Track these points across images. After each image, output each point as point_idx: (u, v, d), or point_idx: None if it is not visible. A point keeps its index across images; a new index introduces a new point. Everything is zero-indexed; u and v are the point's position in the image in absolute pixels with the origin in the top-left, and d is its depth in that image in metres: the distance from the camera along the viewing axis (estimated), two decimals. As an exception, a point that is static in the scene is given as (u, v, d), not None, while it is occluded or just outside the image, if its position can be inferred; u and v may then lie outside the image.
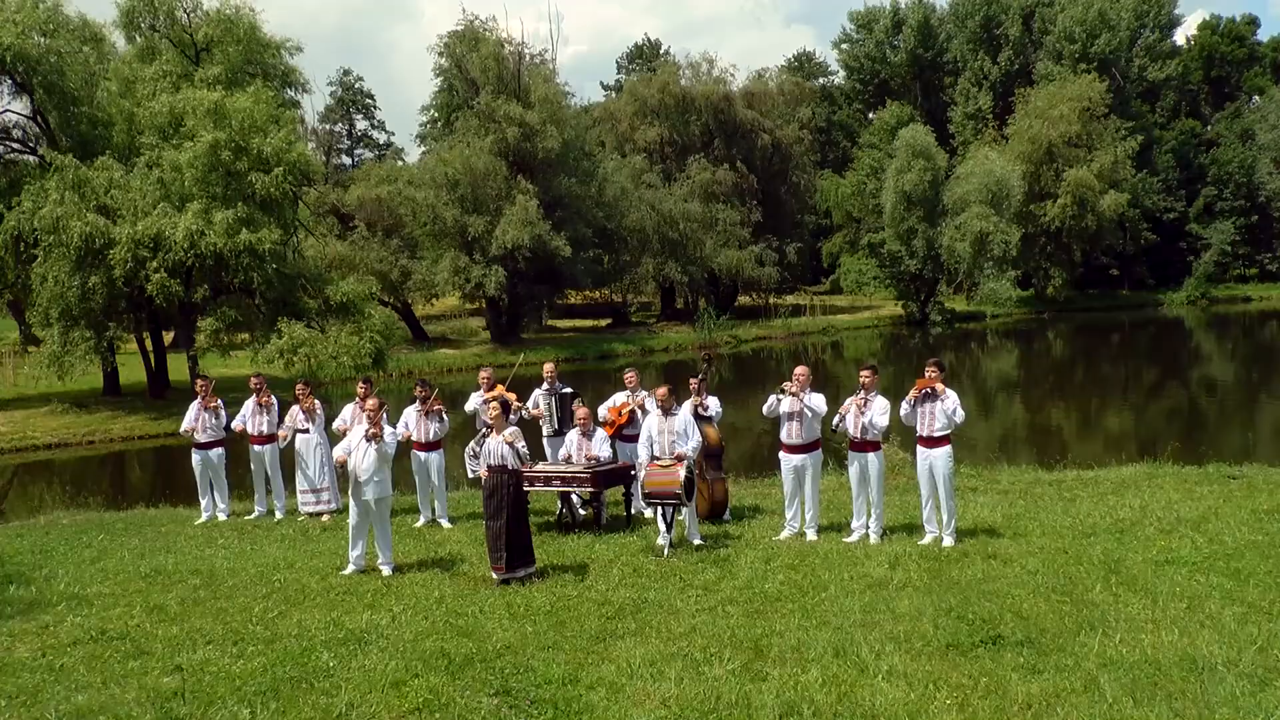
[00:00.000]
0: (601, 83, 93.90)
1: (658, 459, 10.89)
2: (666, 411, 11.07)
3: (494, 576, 9.73)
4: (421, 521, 12.81)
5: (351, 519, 10.32)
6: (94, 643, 8.25)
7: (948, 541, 10.70)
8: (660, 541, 10.97)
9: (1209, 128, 72.10)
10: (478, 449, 9.94)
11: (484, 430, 9.97)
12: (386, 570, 10.28)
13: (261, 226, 27.06)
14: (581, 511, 12.49)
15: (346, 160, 70.62)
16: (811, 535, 11.36)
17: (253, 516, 13.66)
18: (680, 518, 11.14)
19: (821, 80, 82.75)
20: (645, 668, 7.22)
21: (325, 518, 13.21)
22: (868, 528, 11.21)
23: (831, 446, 12.71)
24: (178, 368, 30.61)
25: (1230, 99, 74.16)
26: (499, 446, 9.75)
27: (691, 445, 10.94)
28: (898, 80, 77.68)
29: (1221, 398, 30.71)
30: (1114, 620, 7.86)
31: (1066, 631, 7.67)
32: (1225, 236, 64.64)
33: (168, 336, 32.46)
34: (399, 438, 11.61)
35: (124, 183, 28.21)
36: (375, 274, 39.31)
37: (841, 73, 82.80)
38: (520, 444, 9.83)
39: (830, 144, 77.85)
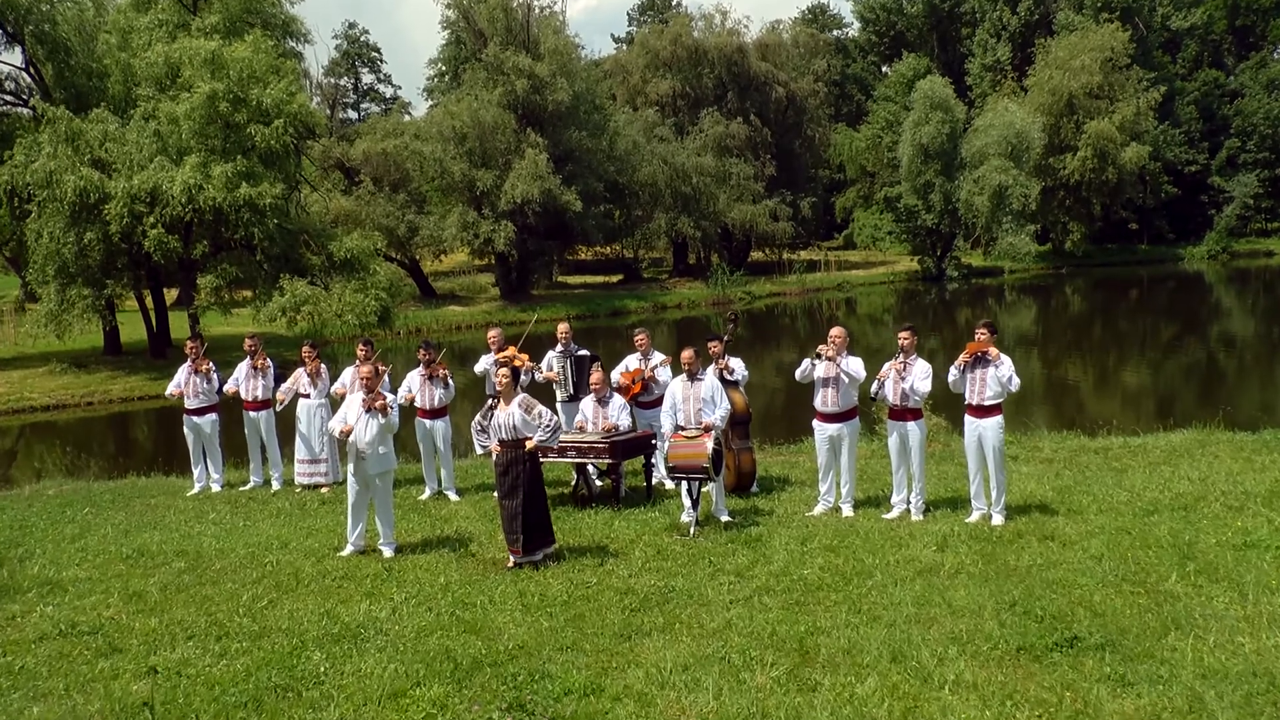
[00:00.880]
0: (612, 35, 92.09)
1: (682, 429, 10.01)
2: (692, 376, 10.17)
3: (510, 559, 8.89)
4: (427, 494, 11.98)
5: (350, 496, 9.48)
6: (63, 638, 7.45)
7: (997, 519, 9.83)
8: (685, 519, 10.13)
9: (1232, 78, 70.21)
10: (485, 422, 9.05)
11: (491, 401, 9.07)
12: (388, 551, 9.46)
13: (262, 180, 26.05)
14: (598, 483, 11.65)
15: (352, 115, 69.33)
16: (847, 511, 10.50)
17: (248, 487, 12.84)
18: (706, 491, 10.29)
19: (836, 33, 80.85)
20: (677, 674, 6.38)
21: (324, 490, 12.38)
22: (908, 503, 10.35)
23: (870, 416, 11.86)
24: (180, 326, 29.77)
25: (1255, 49, 72.13)
26: (510, 418, 8.87)
27: (719, 414, 10.05)
28: (914, 32, 75.86)
29: (1251, 356, 29.76)
30: (1201, 618, 7.00)
31: (1150, 632, 6.80)
32: (1248, 189, 63.21)
33: (170, 294, 31.60)
34: (401, 403, 10.75)
35: (119, 135, 27.19)
36: (382, 230, 38.34)
37: (856, 24, 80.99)
38: (537, 411, 8.95)
39: (844, 97, 76.13)
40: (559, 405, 12.27)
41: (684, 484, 10.12)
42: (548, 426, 8.91)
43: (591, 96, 48.71)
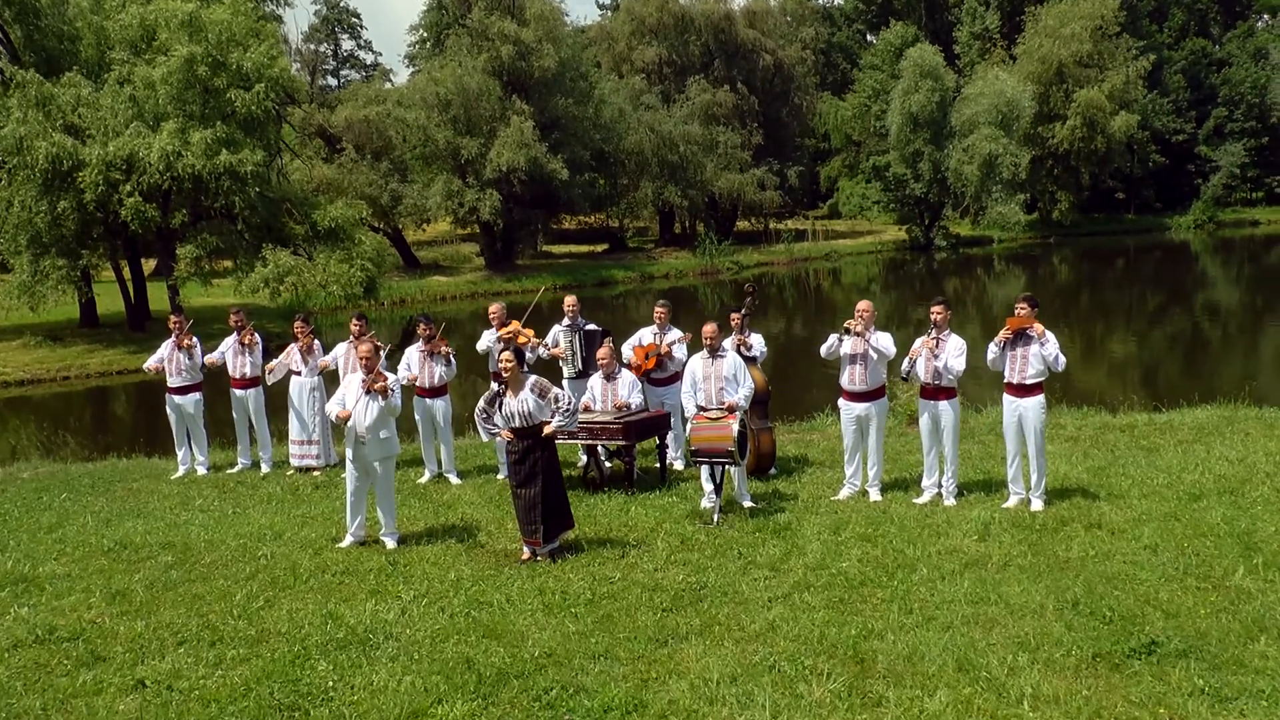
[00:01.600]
0: (597, 1, 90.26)
1: (704, 410, 9.38)
2: (713, 353, 9.53)
3: (524, 551, 8.26)
4: (426, 477, 11.33)
5: (350, 484, 8.82)
6: (40, 645, 6.78)
7: (1037, 505, 9.28)
8: (706, 505, 9.54)
9: (1219, 47, 69.75)
10: (490, 410, 8.37)
11: (498, 389, 8.37)
12: (390, 542, 8.82)
13: (243, 147, 25.11)
14: (608, 464, 11.03)
15: (332, 81, 67.84)
16: (875, 495, 9.92)
17: (235, 470, 12.15)
18: (728, 475, 9.69)
19: (823, 0, 79.84)
20: (725, 686, 5.79)
21: (316, 473, 11.72)
22: (939, 487, 9.78)
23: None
24: (159, 298, 28.87)
25: (1241, 18, 71.70)
26: (522, 406, 8.20)
27: (743, 393, 9.43)
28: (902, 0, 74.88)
29: (1236, 326, 29.47)
30: (1283, 617, 6.47)
31: (1233, 637, 6.25)
32: (1235, 159, 62.97)
33: (149, 265, 30.64)
34: (403, 382, 10.06)
35: (93, 100, 26.16)
36: (364, 198, 37.29)
37: (843, -8, 79.89)
38: (553, 395, 8.29)
39: (830, 66, 75.13)
40: (565, 382, 11.63)
41: (705, 468, 9.53)
42: (566, 410, 8.26)
43: (577, 64, 47.71)
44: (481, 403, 8.45)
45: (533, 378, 8.42)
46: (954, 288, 45.28)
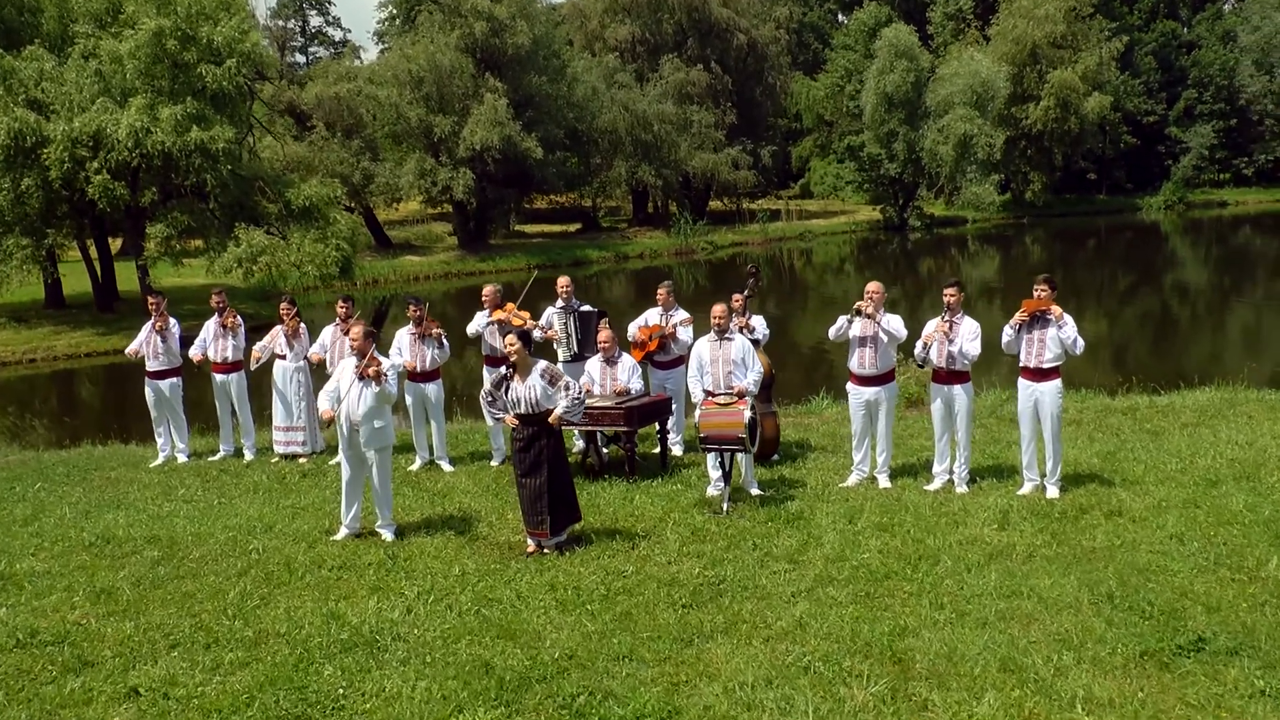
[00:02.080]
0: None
1: (712, 394, 9.05)
2: (721, 335, 9.19)
3: (529, 544, 7.91)
4: (418, 464, 10.94)
5: (344, 474, 8.43)
6: (21, 650, 6.35)
7: (1053, 492, 9.04)
8: (713, 493, 9.24)
9: (1188, 30, 70.00)
10: (496, 394, 8.00)
11: (506, 373, 7.99)
12: (387, 534, 8.44)
13: (214, 124, 24.38)
14: (605, 450, 10.68)
15: (300, 59, 66.60)
16: (884, 482, 9.65)
17: (218, 457, 11.69)
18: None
19: (796, -21, 79.15)
20: (761, 690, 5.48)
21: (302, 460, 11.29)
22: (950, 473, 9.52)
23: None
24: (127, 277, 28.11)
25: (1210, 1, 71.96)
26: (530, 392, 7.83)
27: (753, 378, 9.11)
28: (875, -21, 74.44)
29: (1204, 306, 29.59)
30: (1330, 611, 6.25)
31: (1283, 631, 6.02)
32: (1205, 140, 63.24)
33: (114, 244, 29.79)
34: (398, 369, 9.65)
35: (56, 75, 25.31)
36: (335, 177, 36.55)
37: (816, -29, 79.31)
38: (563, 382, 7.93)
39: (801, 46, 74.74)
40: (560, 366, 11.22)
41: (712, 455, 9.22)
42: (576, 399, 7.89)
43: (550, 41, 47.01)
44: (487, 385, 8.08)
45: (543, 363, 8.06)
46: (928, 268, 45.28)
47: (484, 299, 10.88)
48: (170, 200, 26.37)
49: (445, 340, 10.74)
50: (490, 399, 8.03)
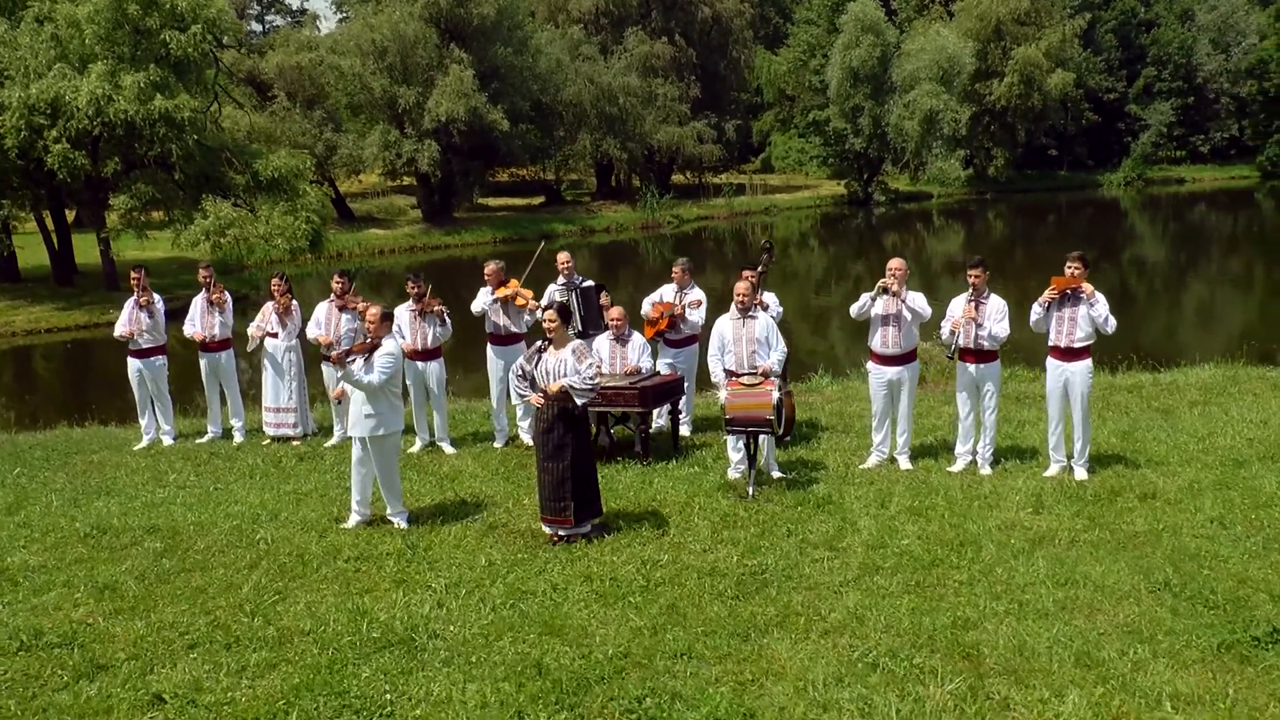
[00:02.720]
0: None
1: (735, 374, 8.73)
2: (744, 313, 8.86)
3: (547, 531, 7.56)
4: (418, 445, 10.51)
5: (354, 454, 7.98)
6: (26, 653, 5.90)
7: (1080, 474, 8.84)
8: (734, 475, 8.96)
9: (1146, 8, 70.44)
10: (529, 367, 7.62)
11: (541, 345, 7.63)
12: (400, 522, 8.03)
13: (178, 92, 23.49)
14: (610, 431, 10.32)
15: (256, 27, 65.04)
16: (905, 463, 9.41)
17: (206, 439, 11.18)
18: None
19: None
20: (833, 688, 5.19)
21: (296, 443, 10.82)
22: (974, 454, 9.29)
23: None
24: (84, 250, 27.15)
25: (1170, -22, 72.44)
26: (560, 366, 7.46)
27: (776, 357, 8.80)
28: (836, -48, 74.04)
29: (1161, 281, 29.85)
30: (1398, 597, 6.08)
31: (1356, 619, 5.84)
32: (1164, 118, 63.80)
33: (70, 215, 28.77)
34: (394, 360, 9.20)
35: (10, 39, 24.26)
36: (297, 148, 35.69)
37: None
38: (589, 362, 7.55)
39: (763, 20, 74.26)
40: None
41: (732, 437, 8.91)
42: (588, 380, 7.49)
43: (514, 12, 46.18)
44: (521, 360, 7.70)
45: (577, 340, 7.70)
46: (893, 242, 45.33)
47: (487, 276, 10.45)
48: (133, 171, 25.42)
49: (447, 317, 10.31)
50: (521, 373, 7.65)
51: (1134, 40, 65.71)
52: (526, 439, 10.53)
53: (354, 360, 7.71)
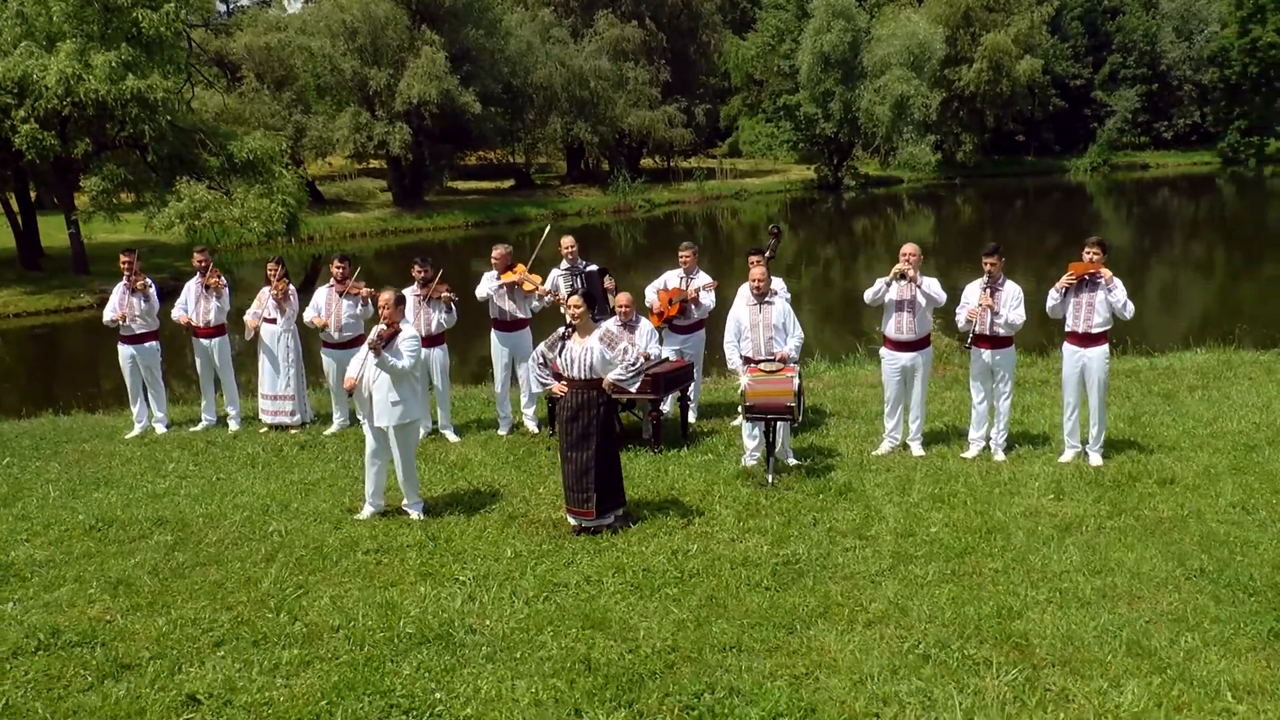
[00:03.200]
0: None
1: (752, 361, 8.61)
2: (761, 299, 8.73)
3: (571, 522, 7.41)
4: (421, 433, 10.25)
5: (369, 446, 7.78)
6: (45, 653, 5.66)
7: (1096, 459, 8.82)
8: (749, 462, 8.86)
9: (1111, -4, 71.10)
10: (550, 354, 7.45)
11: (564, 333, 7.46)
12: (415, 513, 7.84)
13: (150, 72, 22.90)
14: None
15: (221, 7, 63.70)
16: (917, 449, 9.35)
17: (199, 428, 10.90)
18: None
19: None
20: (889, 681, 5.10)
21: (293, 431, 10.58)
22: (987, 440, 9.25)
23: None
24: (48, 233, 26.50)
25: (1134, -34, 73.03)
26: (587, 354, 7.31)
27: (793, 343, 8.70)
28: (806, -63, 73.95)
29: (1136, 270, 30.18)
30: None
31: (1399, 605, 5.83)
32: (1129, 104, 64.46)
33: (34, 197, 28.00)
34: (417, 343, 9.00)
35: (-28, 16, 23.58)
36: (266, 129, 35.06)
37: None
38: (622, 347, 7.41)
39: (732, 4, 74.08)
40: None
41: (747, 424, 8.80)
42: (632, 365, 7.37)
43: (483, -7, 45.66)
44: (542, 347, 7.51)
45: (603, 327, 7.54)
46: (863, 227, 45.49)
47: (494, 260, 10.23)
48: (104, 152, 24.79)
49: (454, 304, 10.10)
50: (542, 360, 7.47)
51: (1100, 27, 66.24)
52: (531, 426, 10.40)
53: (383, 351, 7.51)
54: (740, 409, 8.52)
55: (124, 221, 24.89)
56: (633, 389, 7.42)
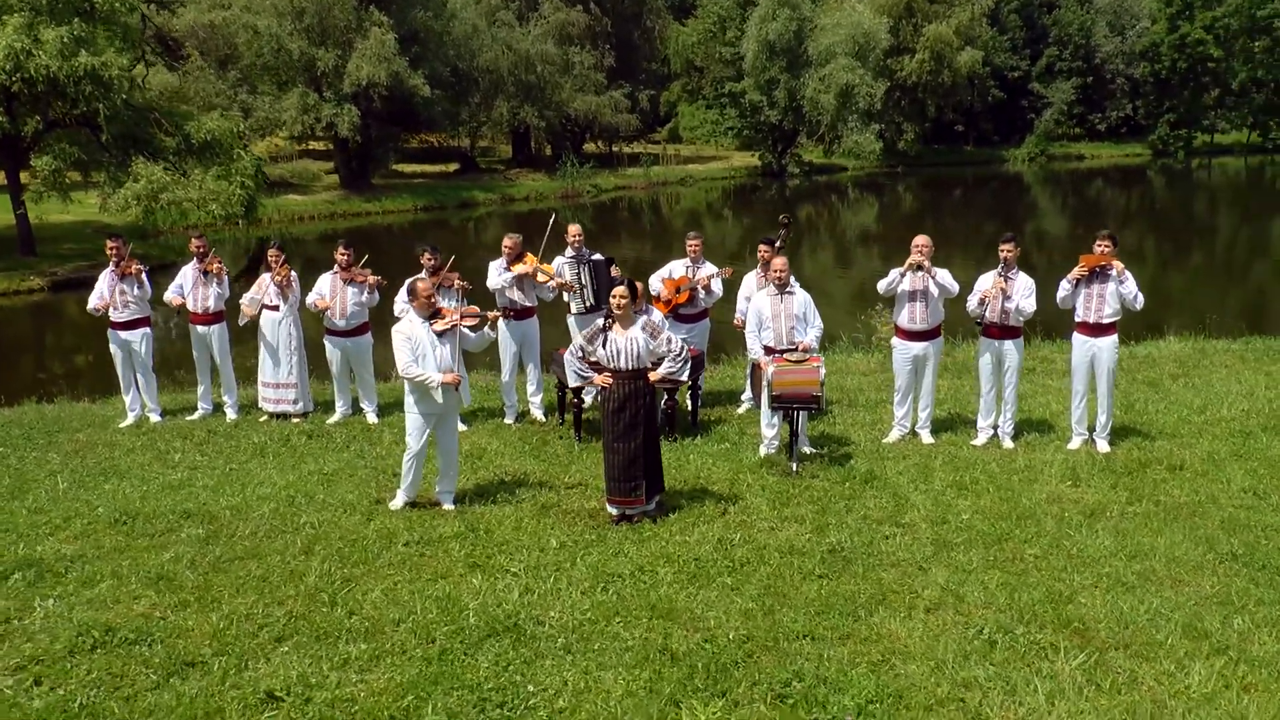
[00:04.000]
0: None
1: (774, 350, 8.66)
2: (782, 289, 8.79)
3: (612, 511, 7.41)
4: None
5: (419, 439, 7.56)
6: (104, 650, 5.52)
7: (1103, 446, 9.06)
8: (767, 451, 8.93)
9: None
10: (589, 348, 7.40)
11: (605, 324, 7.40)
12: (449, 504, 7.77)
13: (104, 49, 22.18)
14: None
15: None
16: (926, 437, 9.51)
17: (196, 416, 10.65)
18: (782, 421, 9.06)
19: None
20: (964, 666, 5.20)
21: (295, 420, 10.40)
22: (995, 428, 9.43)
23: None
24: (-2, 214, 25.60)
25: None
26: (632, 345, 7.29)
27: (814, 334, 8.78)
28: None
29: (1071, 258, 30.87)
30: None
31: None
32: (1065, 96, 65.91)
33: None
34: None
35: (-90, -14, 22.59)
36: (212, 109, 34.17)
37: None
38: (665, 336, 7.42)
39: (671, -10, 74.14)
40: (573, 319, 10.67)
41: (766, 413, 8.88)
42: (678, 355, 7.38)
43: (429, -26, 44.97)
44: (580, 340, 7.46)
45: (644, 317, 7.52)
46: (808, 214, 45.87)
47: (506, 249, 10.13)
48: (55, 130, 23.93)
49: (466, 293, 9.99)
50: (581, 354, 7.43)
51: (1037, 20, 67.59)
52: (538, 415, 10.36)
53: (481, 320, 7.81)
54: (768, 398, 8.56)
55: (76, 202, 24.14)
56: (684, 378, 7.45)
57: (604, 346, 7.29)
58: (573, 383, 7.52)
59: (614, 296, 7.29)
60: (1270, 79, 65.26)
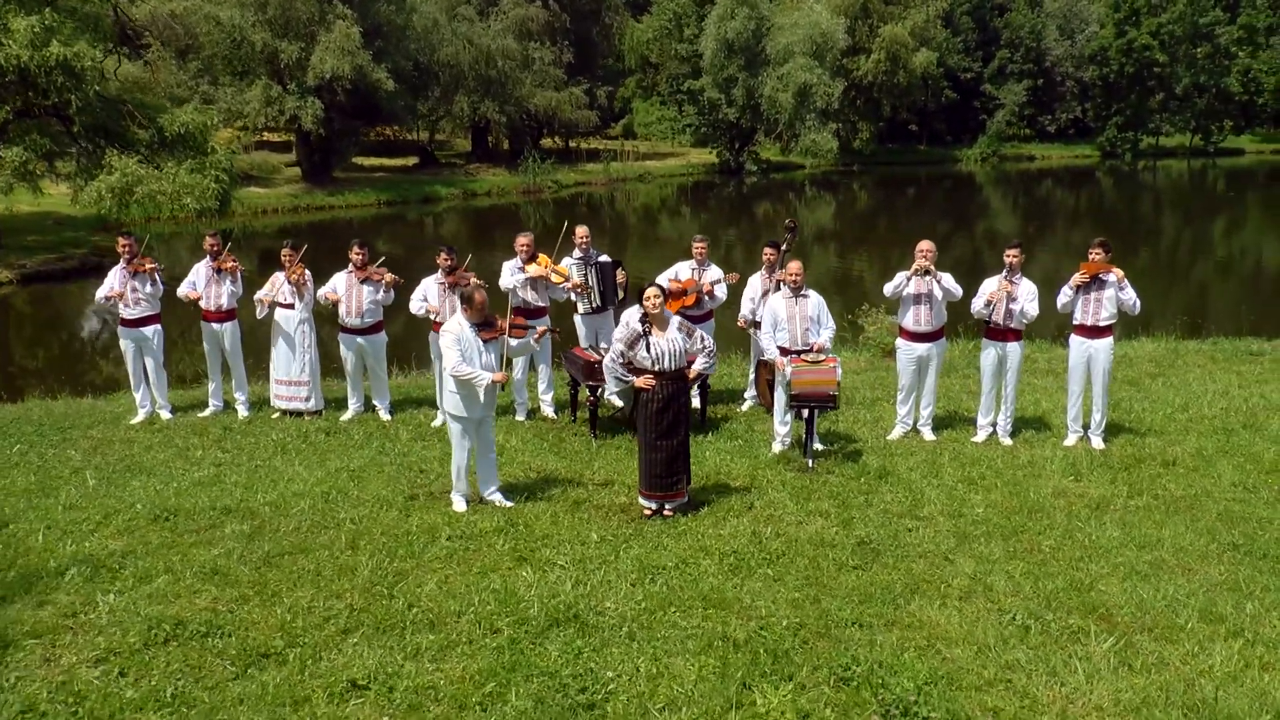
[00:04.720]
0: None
1: (793, 352, 8.97)
2: (796, 292, 9.11)
3: (649, 506, 7.66)
4: (440, 420, 10.37)
5: (464, 440, 7.78)
6: (178, 643, 5.67)
7: (1098, 443, 9.51)
8: (778, 448, 9.25)
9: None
10: (631, 354, 7.60)
11: (640, 330, 7.58)
12: (500, 499, 7.94)
13: (77, 39, 21.93)
14: (620, 403, 10.39)
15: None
16: (928, 434, 9.90)
17: (208, 413, 10.73)
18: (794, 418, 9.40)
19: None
20: (1004, 650, 5.55)
21: (307, 417, 10.52)
22: (994, 426, 9.84)
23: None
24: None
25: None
26: (673, 345, 7.55)
27: (826, 335, 9.10)
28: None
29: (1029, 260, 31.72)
30: None
31: None
32: (1016, 98, 67.22)
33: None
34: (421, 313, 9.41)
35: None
36: (173, 101, 33.78)
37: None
38: (699, 334, 7.72)
39: (628, -13, 74.40)
40: (580, 319, 10.91)
41: (779, 411, 9.21)
42: (710, 351, 7.67)
43: (390, -32, 44.75)
44: (620, 346, 7.68)
45: (677, 317, 7.79)
46: (765, 211, 46.40)
47: (520, 248, 10.33)
48: (24, 120, 23.57)
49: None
50: (623, 360, 7.66)
51: (989, 23, 68.81)
52: (549, 412, 10.58)
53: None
54: (786, 398, 8.88)
55: (48, 195, 23.80)
56: (712, 374, 7.74)
57: (647, 350, 7.52)
58: (612, 388, 7.72)
59: (649, 298, 7.52)
60: (1212, 84, 67.20)
